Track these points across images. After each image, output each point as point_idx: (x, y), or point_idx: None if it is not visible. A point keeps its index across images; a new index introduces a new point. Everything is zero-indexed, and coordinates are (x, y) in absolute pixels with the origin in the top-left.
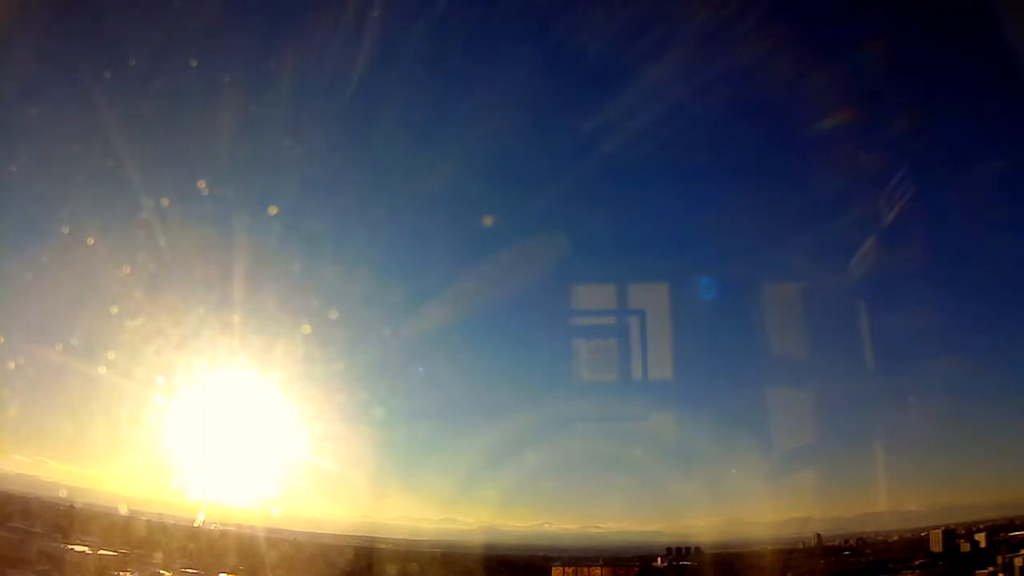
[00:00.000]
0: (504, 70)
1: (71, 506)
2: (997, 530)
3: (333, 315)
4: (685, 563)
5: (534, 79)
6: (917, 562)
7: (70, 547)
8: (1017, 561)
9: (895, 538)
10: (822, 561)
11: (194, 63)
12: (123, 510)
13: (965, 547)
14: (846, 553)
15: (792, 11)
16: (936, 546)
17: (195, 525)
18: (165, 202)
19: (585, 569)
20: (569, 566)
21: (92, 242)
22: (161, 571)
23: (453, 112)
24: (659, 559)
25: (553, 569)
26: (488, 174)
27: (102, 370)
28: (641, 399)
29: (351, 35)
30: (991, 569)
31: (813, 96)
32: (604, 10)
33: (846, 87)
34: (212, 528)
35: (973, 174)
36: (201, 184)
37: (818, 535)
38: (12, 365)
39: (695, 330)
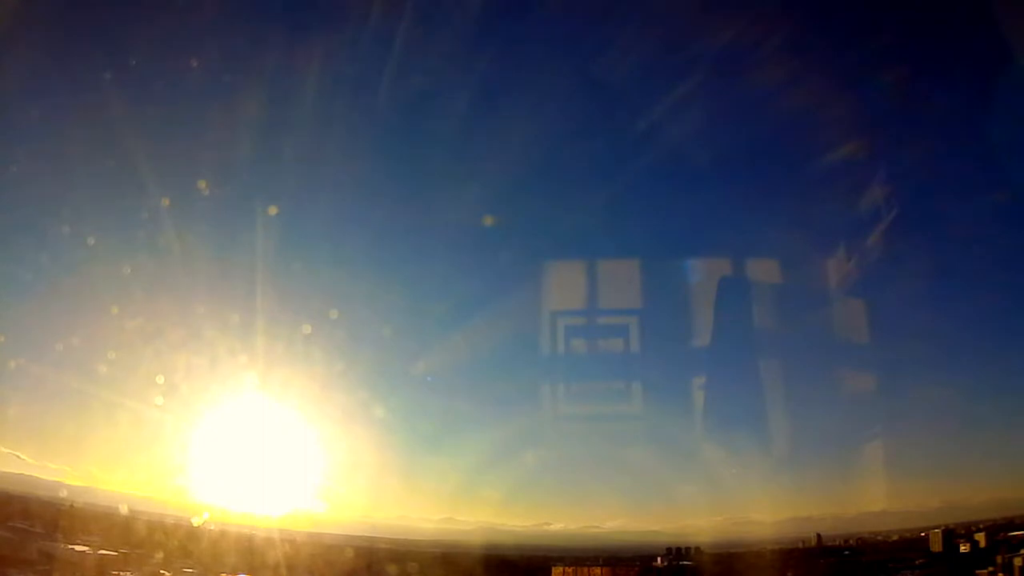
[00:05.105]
0: (504, 75)
1: (71, 506)
2: (997, 530)
3: (334, 315)
4: (685, 563)
5: (537, 90)
6: (917, 562)
7: (70, 547)
8: (1017, 561)
9: (895, 538)
10: (822, 561)
11: (194, 63)
12: (123, 510)
13: (965, 547)
14: (846, 553)
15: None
16: (936, 546)
17: (195, 525)
18: (166, 202)
19: (585, 569)
20: (569, 566)
21: (92, 242)
22: (161, 571)
23: (457, 113)
24: (659, 559)
25: (553, 569)
26: (491, 176)
27: (102, 370)
28: (641, 399)
29: (359, 35)
30: (991, 569)
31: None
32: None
33: (849, 103)
34: (212, 528)
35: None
36: (202, 184)
37: (818, 535)
38: (12, 365)
39: (695, 331)
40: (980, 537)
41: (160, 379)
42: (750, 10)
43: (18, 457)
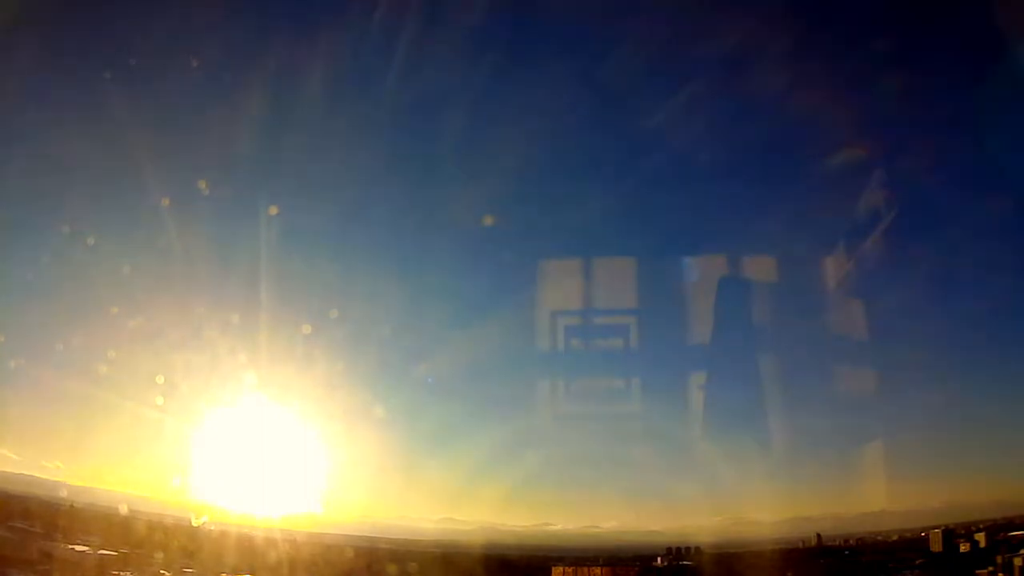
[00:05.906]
0: (505, 75)
1: (71, 506)
2: (997, 530)
3: (334, 315)
4: (685, 563)
5: (538, 90)
6: (917, 562)
7: (70, 547)
8: (1017, 561)
9: (895, 538)
10: (822, 561)
11: (194, 62)
12: (123, 510)
13: (965, 547)
14: (846, 553)
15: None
16: (936, 546)
17: (195, 525)
18: (166, 202)
19: (585, 569)
20: (569, 566)
21: (92, 242)
22: (161, 571)
23: (458, 113)
24: (659, 559)
25: (553, 569)
26: (492, 176)
27: (102, 370)
28: (641, 398)
29: (360, 34)
30: (991, 569)
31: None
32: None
33: (849, 104)
34: (212, 528)
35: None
36: (202, 184)
37: (818, 535)
38: (12, 365)
39: (694, 330)
40: (980, 537)
41: (160, 379)
42: (751, 12)
43: (18, 457)
